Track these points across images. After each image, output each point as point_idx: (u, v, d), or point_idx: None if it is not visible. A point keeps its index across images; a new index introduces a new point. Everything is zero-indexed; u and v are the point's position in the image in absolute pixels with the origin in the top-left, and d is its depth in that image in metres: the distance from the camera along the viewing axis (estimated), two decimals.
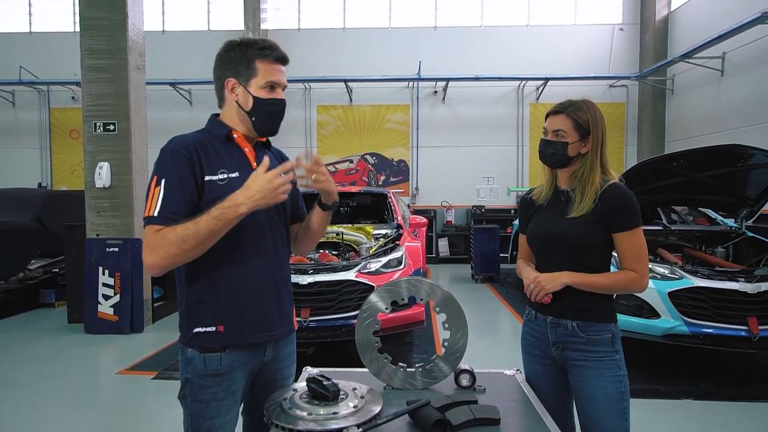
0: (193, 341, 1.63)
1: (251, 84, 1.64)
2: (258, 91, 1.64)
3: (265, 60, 1.64)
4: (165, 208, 1.53)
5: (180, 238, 1.48)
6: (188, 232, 1.48)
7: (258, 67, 1.64)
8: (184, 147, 1.60)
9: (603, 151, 1.87)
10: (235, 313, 1.63)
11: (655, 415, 3.64)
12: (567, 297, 1.82)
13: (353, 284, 4.46)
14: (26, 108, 12.58)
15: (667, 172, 4.76)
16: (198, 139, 1.65)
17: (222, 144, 1.67)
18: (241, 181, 1.60)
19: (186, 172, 1.57)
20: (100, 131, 5.88)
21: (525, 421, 1.53)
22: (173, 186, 1.55)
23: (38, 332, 5.85)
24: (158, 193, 1.54)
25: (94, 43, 5.84)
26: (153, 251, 1.51)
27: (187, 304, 1.65)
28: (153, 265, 1.53)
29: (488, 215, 11.34)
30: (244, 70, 1.64)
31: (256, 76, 1.64)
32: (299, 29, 12.13)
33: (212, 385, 1.62)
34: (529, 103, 11.89)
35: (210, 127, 1.71)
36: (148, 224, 1.55)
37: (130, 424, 3.60)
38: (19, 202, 7.28)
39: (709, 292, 4.05)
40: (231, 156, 1.67)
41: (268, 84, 1.65)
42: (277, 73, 1.66)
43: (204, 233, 1.49)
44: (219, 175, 1.61)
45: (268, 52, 1.64)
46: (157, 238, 1.51)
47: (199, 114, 11.97)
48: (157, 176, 1.57)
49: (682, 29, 10.66)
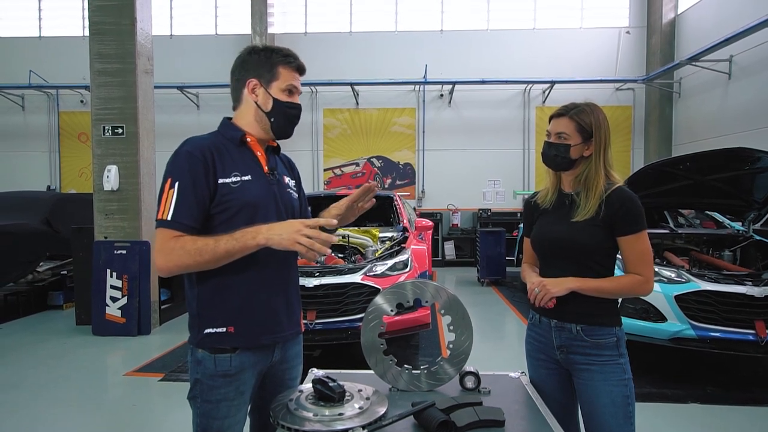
0: (204, 342, 1.64)
1: (272, 86, 1.71)
2: (278, 94, 1.71)
3: (287, 66, 1.72)
4: (178, 213, 1.55)
5: (197, 251, 1.52)
6: (207, 247, 1.52)
7: (280, 71, 1.71)
8: (200, 149, 1.62)
9: (607, 153, 1.87)
10: (245, 315, 1.65)
11: (661, 419, 3.62)
12: (571, 301, 1.82)
13: (359, 287, 4.47)
14: (36, 112, 12.70)
15: (674, 175, 4.74)
16: (212, 142, 1.68)
17: (235, 147, 1.70)
18: (253, 183, 1.65)
19: (200, 175, 1.59)
20: (108, 135, 5.93)
21: (530, 423, 1.53)
22: (187, 190, 1.57)
23: (46, 334, 5.90)
24: (172, 197, 1.56)
25: (103, 47, 5.90)
26: (167, 256, 1.54)
27: (198, 304, 1.66)
28: (165, 269, 1.56)
29: (494, 218, 11.32)
30: (267, 73, 1.71)
31: (277, 79, 1.71)
32: (306, 33, 12.18)
33: (222, 386, 1.63)
34: (535, 107, 11.88)
35: (223, 129, 1.75)
36: (161, 227, 1.57)
37: (137, 426, 3.62)
38: (28, 204, 7.34)
39: (716, 296, 4.02)
40: (244, 159, 1.70)
41: (288, 88, 1.72)
42: (296, 80, 1.75)
43: (221, 253, 1.52)
44: (232, 178, 1.64)
45: (291, 60, 1.73)
46: (174, 245, 1.53)
47: (207, 117, 12.05)
48: (171, 178, 1.58)
49: (689, 32, 10.62)
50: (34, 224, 6.88)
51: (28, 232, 6.71)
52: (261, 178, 1.70)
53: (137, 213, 5.92)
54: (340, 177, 12.22)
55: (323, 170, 12.14)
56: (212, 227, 1.62)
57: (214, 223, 1.63)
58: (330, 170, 12.22)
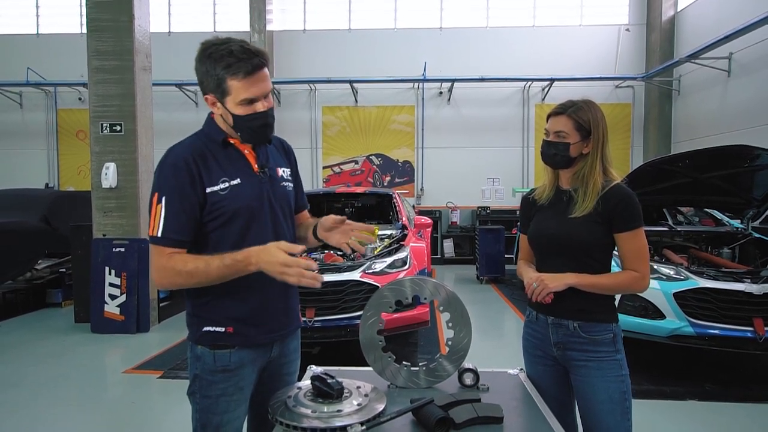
0: (203, 339, 1.64)
1: (227, 102, 1.56)
2: (235, 109, 1.55)
3: (235, 77, 1.51)
4: (168, 229, 1.54)
5: (189, 273, 1.52)
6: (198, 270, 1.51)
7: (230, 85, 1.52)
8: (183, 160, 1.56)
9: (604, 150, 1.87)
10: (244, 316, 1.64)
11: (660, 416, 3.62)
12: (568, 298, 1.82)
13: (358, 284, 4.47)
14: (33, 109, 12.67)
15: (673, 172, 4.74)
16: (196, 148, 1.61)
17: (221, 149, 1.64)
18: (243, 187, 1.60)
19: (187, 186, 1.55)
20: (106, 132, 5.92)
21: (528, 419, 1.53)
22: (174, 204, 1.54)
23: (45, 332, 5.89)
24: (160, 212, 1.53)
25: (101, 44, 5.88)
26: (160, 273, 1.56)
27: (196, 303, 1.66)
28: (160, 286, 1.62)
29: (493, 216, 11.32)
30: (217, 88, 1.55)
31: (230, 94, 1.54)
32: (305, 30, 12.16)
33: (221, 381, 1.63)
34: (534, 104, 11.86)
35: (207, 129, 1.68)
36: (152, 244, 1.57)
37: (136, 423, 3.62)
38: (27, 202, 7.33)
39: (714, 293, 4.02)
40: (231, 161, 1.64)
41: (244, 101, 1.54)
42: (253, 87, 1.53)
43: (213, 276, 1.52)
44: (220, 185, 1.58)
45: (236, 70, 1.50)
46: (166, 264, 1.54)
47: (205, 115, 11.99)
48: (158, 193, 1.55)
49: (688, 30, 10.61)
50: (32, 222, 6.87)
51: (26, 229, 6.70)
52: (251, 178, 1.65)
53: (136, 210, 5.92)
54: (339, 175, 12.21)
55: (322, 168, 12.13)
56: (207, 235, 1.61)
57: (207, 230, 1.61)
58: (329, 168, 12.20)
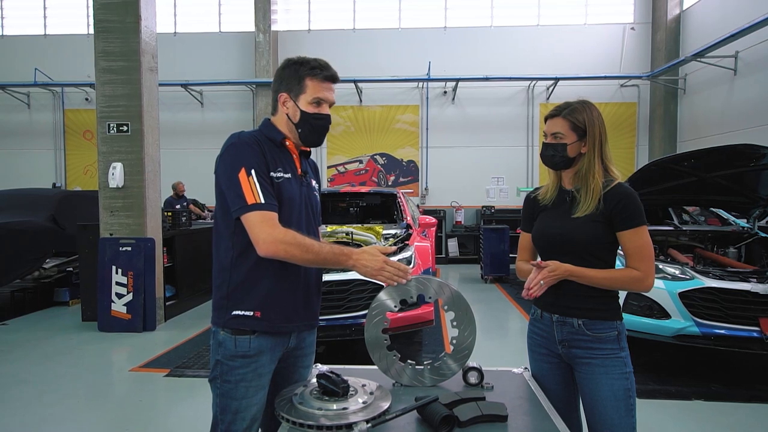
0: (230, 323, 1.72)
1: (300, 99, 1.79)
2: (306, 106, 1.78)
3: (314, 78, 1.77)
4: (266, 196, 1.66)
5: (305, 247, 1.64)
6: (314, 246, 1.66)
7: (308, 84, 1.78)
8: (256, 141, 1.73)
9: (603, 149, 1.88)
10: (272, 301, 1.73)
11: (666, 416, 3.62)
12: (572, 296, 1.84)
13: (362, 283, 4.48)
14: (41, 109, 12.76)
15: (678, 172, 4.72)
16: (260, 138, 1.77)
17: (276, 147, 1.81)
18: (290, 182, 1.76)
19: (263, 165, 1.71)
20: (113, 132, 5.96)
21: (532, 418, 1.54)
22: (263, 176, 1.68)
23: (52, 330, 5.94)
24: (254, 182, 1.65)
25: (107, 45, 5.92)
26: (276, 239, 1.61)
27: (230, 287, 1.74)
28: (272, 251, 1.62)
29: (498, 215, 11.31)
30: (295, 86, 1.79)
31: (305, 92, 1.78)
32: (309, 30, 12.19)
33: (241, 366, 1.71)
34: (539, 103, 11.85)
35: (266, 130, 1.83)
36: (257, 210, 1.63)
37: (143, 421, 3.64)
38: (34, 202, 7.38)
39: (720, 293, 4.01)
40: (283, 159, 1.80)
41: (315, 100, 1.78)
42: (324, 91, 1.79)
43: (322, 257, 1.66)
44: (278, 173, 1.74)
45: (318, 72, 1.78)
46: (286, 234, 1.63)
47: (211, 115, 12.09)
48: (245, 167, 1.66)
49: (694, 28, 10.57)
50: (40, 221, 6.92)
51: (34, 229, 6.75)
52: (297, 178, 1.82)
53: (142, 210, 5.94)
54: (344, 174, 12.23)
55: (327, 167, 12.15)
56: None
57: None
58: (333, 167, 12.23)
